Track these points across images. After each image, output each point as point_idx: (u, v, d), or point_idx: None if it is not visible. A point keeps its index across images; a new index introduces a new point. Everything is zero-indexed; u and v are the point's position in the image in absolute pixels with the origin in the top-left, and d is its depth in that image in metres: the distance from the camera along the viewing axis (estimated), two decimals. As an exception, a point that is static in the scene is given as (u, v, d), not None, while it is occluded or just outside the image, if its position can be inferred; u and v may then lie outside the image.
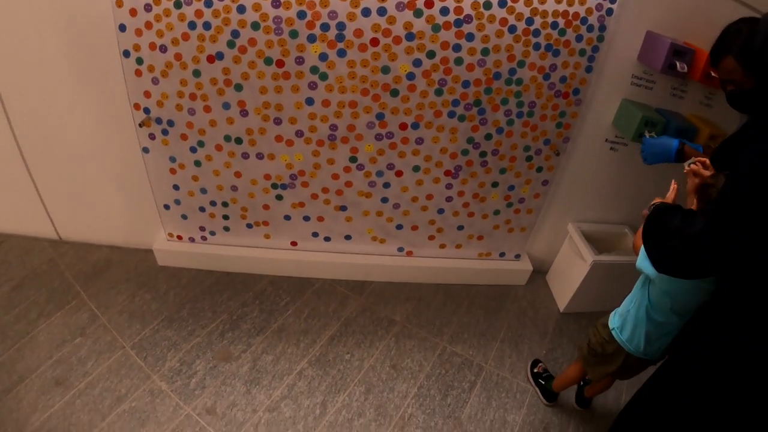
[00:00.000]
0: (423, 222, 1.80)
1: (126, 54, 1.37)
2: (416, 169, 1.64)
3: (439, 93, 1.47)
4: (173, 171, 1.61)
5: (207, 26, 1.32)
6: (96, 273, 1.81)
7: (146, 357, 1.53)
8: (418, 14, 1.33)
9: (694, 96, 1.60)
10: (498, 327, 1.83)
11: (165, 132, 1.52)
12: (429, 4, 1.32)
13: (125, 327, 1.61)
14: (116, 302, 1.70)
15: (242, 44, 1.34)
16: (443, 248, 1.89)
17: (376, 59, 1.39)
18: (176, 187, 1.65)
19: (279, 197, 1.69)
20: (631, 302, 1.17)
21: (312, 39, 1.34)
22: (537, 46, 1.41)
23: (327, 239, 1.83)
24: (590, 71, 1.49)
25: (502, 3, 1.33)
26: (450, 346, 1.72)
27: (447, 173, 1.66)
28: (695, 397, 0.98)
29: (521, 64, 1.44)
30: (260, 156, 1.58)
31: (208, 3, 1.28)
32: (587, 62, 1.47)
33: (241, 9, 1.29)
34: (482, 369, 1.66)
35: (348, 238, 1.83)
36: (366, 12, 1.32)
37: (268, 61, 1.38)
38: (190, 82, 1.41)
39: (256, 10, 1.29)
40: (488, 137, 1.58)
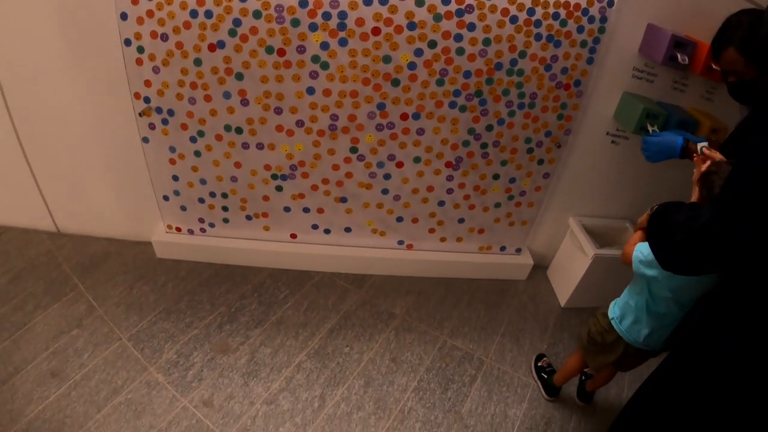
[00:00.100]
0: (423, 214, 1.79)
1: (127, 42, 1.37)
2: (417, 160, 1.64)
3: (441, 83, 1.47)
4: (173, 161, 1.60)
5: (209, 14, 1.32)
6: (94, 265, 1.79)
7: (143, 349, 1.51)
8: (420, 3, 1.33)
9: (695, 90, 1.60)
10: (499, 321, 1.82)
11: (165, 122, 1.51)
12: (430, -6, 1.32)
13: (122, 319, 1.60)
14: (114, 294, 1.68)
15: (244, 33, 1.34)
16: (444, 242, 1.88)
17: (378, 48, 1.39)
18: (176, 178, 1.65)
19: (279, 188, 1.68)
20: (631, 293, 1.17)
21: (313, 28, 1.34)
22: (538, 37, 1.41)
23: (327, 231, 1.82)
24: (591, 63, 1.49)
25: (504, -7, 1.33)
26: (450, 340, 1.71)
27: (448, 165, 1.66)
28: (696, 397, 0.98)
29: (522, 55, 1.44)
30: (260, 146, 1.57)
31: (210, -9, 1.28)
32: (588, 54, 1.47)
33: (243, -3, 1.29)
34: (483, 363, 1.64)
35: (348, 231, 1.82)
36: (368, 1, 1.32)
37: (270, 50, 1.37)
38: (191, 71, 1.41)
39: (258, -1, 1.29)
40: (489, 128, 1.58)
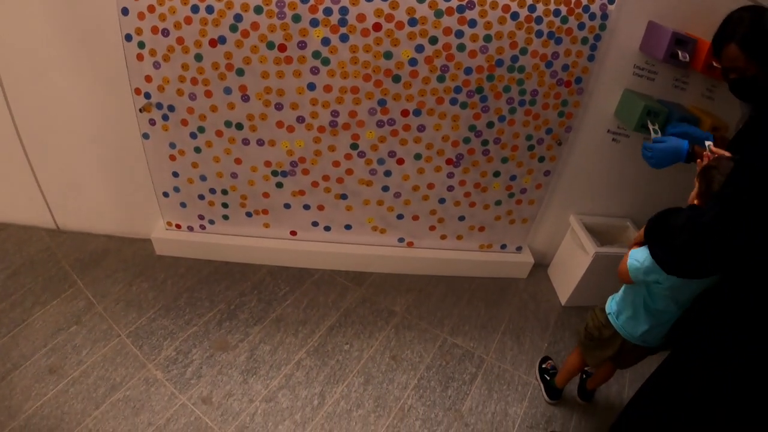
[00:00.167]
0: (424, 212, 1.79)
1: (128, 38, 1.36)
2: (418, 157, 1.64)
3: (441, 80, 1.46)
4: (173, 157, 1.60)
5: (210, 10, 1.32)
6: (93, 262, 1.79)
7: (142, 346, 1.50)
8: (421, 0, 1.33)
9: (696, 88, 1.60)
10: (499, 319, 1.81)
11: (165, 117, 1.51)
12: (431, -10, 1.32)
13: (121, 316, 1.59)
14: (113, 291, 1.68)
15: (245, 28, 1.34)
16: (444, 239, 1.88)
17: (379, 44, 1.39)
18: (176, 174, 1.64)
19: (279, 185, 1.67)
20: (629, 289, 1.16)
21: (315, 23, 1.34)
22: (539, 34, 1.41)
23: (327, 229, 1.82)
24: (592, 60, 1.49)
25: (505, -11, 1.33)
26: (451, 338, 1.70)
27: (449, 162, 1.65)
28: (697, 397, 0.98)
29: (523, 52, 1.44)
30: (261, 142, 1.57)
31: (211, -14, 1.28)
32: (589, 51, 1.47)
33: (244, -8, 1.29)
34: (483, 361, 1.63)
35: (348, 228, 1.82)
36: (369, -3, 1.32)
37: (271, 46, 1.37)
38: (192, 67, 1.40)
39: (259, -6, 1.29)
40: (490, 125, 1.58)
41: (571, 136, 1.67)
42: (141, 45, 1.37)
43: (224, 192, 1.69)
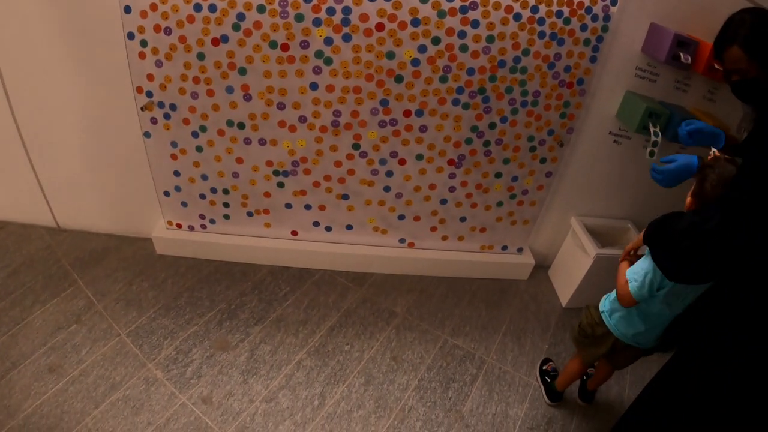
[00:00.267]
0: (425, 213, 1.78)
1: (130, 36, 1.36)
2: (419, 158, 1.63)
3: (444, 80, 1.46)
4: (174, 156, 1.60)
5: (212, 8, 1.32)
6: (93, 261, 1.78)
7: (142, 345, 1.50)
8: (424, 0, 1.33)
9: (698, 90, 1.60)
10: (500, 321, 1.81)
11: (167, 116, 1.51)
12: (435, -10, 1.32)
13: (121, 315, 1.58)
14: (113, 290, 1.67)
15: (247, 27, 1.34)
16: (445, 240, 1.88)
17: (381, 44, 1.39)
18: (177, 173, 1.64)
19: (280, 185, 1.67)
20: None
21: (317, 23, 1.34)
22: (542, 35, 1.41)
23: (328, 229, 1.81)
24: (594, 61, 1.49)
25: (508, -10, 1.33)
26: (451, 339, 1.70)
27: (450, 162, 1.65)
28: (697, 398, 0.98)
29: (526, 53, 1.44)
30: (262, 142, 1.57)
31: (214, -15, 1.28)
32: (591, 52, 1.47)
33: (247, -9, 1.29)
34: (484, 362, 1.63)
35: (349, 228, 1.82)
36: (372, -3, 1.32)
37: (273, 45, 1.37)
38: (194, 66, 1.40)
39: (262, -7, 1.29)
40: (492, 126, 1.58)
41: (573, 138, 1.67)
42: (143, 43, 1.37)
43: (225, 191, 1.69)
